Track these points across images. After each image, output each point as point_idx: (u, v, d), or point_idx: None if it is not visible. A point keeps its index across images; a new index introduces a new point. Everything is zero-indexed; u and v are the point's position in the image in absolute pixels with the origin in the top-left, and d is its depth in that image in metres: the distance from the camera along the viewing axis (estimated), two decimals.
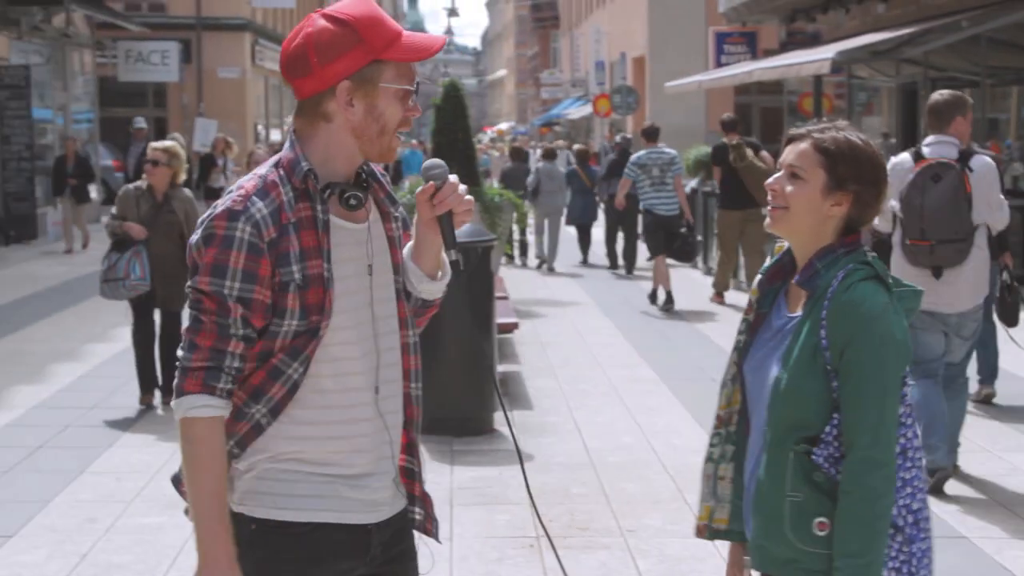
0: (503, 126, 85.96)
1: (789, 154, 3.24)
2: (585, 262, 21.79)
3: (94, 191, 28.12)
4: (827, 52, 19.93)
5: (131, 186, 10.09)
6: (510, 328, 10.82)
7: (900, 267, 7.63)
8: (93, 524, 7.08)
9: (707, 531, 3.44)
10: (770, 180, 3.25)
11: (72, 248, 22.20)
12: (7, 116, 23.85)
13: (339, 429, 3.06)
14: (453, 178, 3.09)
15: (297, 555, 3.04)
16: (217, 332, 2.93)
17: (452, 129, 13.04)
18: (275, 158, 3.10)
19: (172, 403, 2.99)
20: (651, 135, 16.63)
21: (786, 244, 3.32)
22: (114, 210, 9.96)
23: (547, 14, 79.75)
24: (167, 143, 10.14)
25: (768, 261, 3.37)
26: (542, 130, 67.26)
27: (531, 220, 16.25)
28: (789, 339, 3.17)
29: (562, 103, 64.07)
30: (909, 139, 22.22)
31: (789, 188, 3.20)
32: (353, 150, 3.05)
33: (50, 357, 12.07)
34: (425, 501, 3.30)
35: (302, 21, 3.09)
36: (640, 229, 16.31)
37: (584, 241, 22.20)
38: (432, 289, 3.21)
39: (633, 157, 16.66)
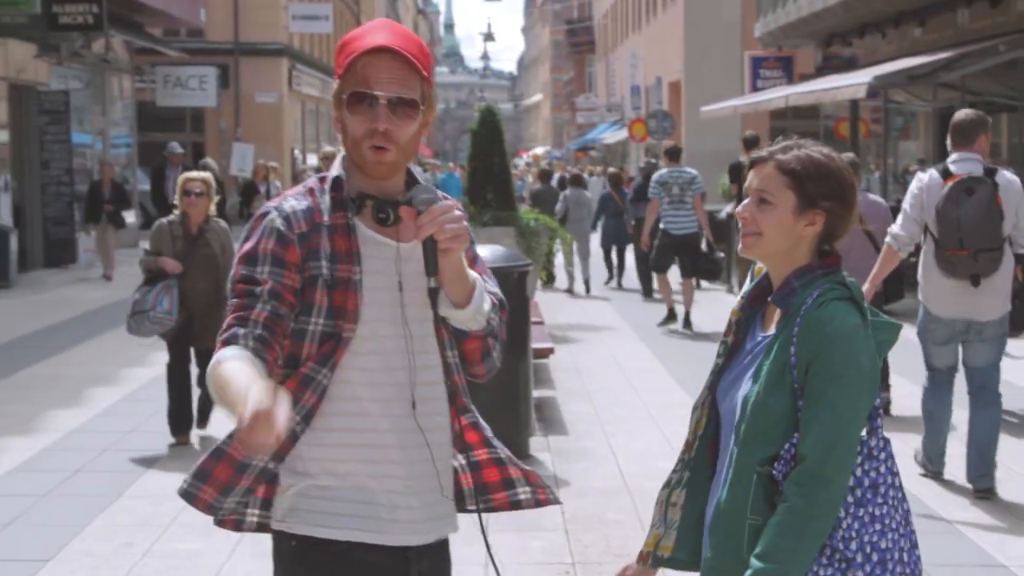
0: (539, 150, 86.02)
1: (755, 179, 3.18)
2: (620, 286, 21.87)
3: (132, 216, 28.31)
4: (864, 76, 19.88)
5: (165, 220, 9.73)
6: (546, 353, 10.82)
7: (934, 280, 8.06)
8: (130, 548, 7.10)
9: (650, 558, 3.37)
10: (739, 208, 3.21)
11: (111, 274, 21.96)
12: (47, 141, 24.01)
13: (372, 438, 3.08)
14: (443, 204, 3.04)
15: (335, 573, 3.07)
16: (244, 306, 3.02)
17: (488, 154, 13.05)
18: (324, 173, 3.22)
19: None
20: (674, 155, 16.95)
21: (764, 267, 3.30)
22: (147, 245, 9.69)
23: (583, 39, 79.87)
24: (204, 173, 9.84)
25: (747, 284, 3.33)
26: (578, 154, 67.32)
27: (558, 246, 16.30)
28: (761, 358, 3.12)
29: (597, 127, 64.10)
30: None
31: (760, 214, 3.15)
32: (356, 165, 3.16)
33: (88, 381, 12.13)
34: (528, 477, 3.30)
35: None
36: (655, 244, 16.67)
37: (619, 265, 22.37)
38: (457, 317, 3.12)
39: (655, 176, 16.88)
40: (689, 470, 3.32)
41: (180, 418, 9.58)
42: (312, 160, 41.65)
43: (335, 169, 3.14)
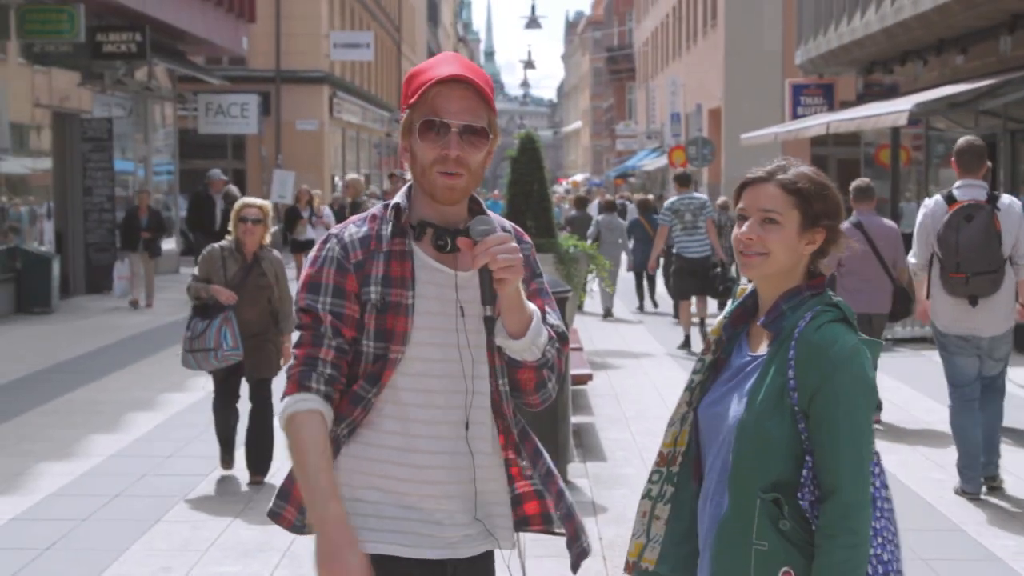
0: (578, 177, 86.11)
1: (756, 199, 3.19)
2: (655, 306, 22.28)
3: (172, 243, 28.48)
4: (905, 104, 19.80)
5: (216, 245, 9.26)
6: (584, 380, 10.79)
7: (940, 298, 8.70)
8: (168, 573, 7.11)
9: (635, 569, 3.40)
10: (742, 230, 3.20)
11: (139, 300, 21.73)
12: (89, 168, 24.18)
13: (416, 458, 3.19)
14: (498, 236, 3.11)
15: None
16: (312, 342, 3.18)
17: (528, 181, 13.07)
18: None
19: (277, 414, 3.21)
20: (684, 181, 17.38)
21: (749, 287, 3.31)
22: (196, 271, 9.24)
23: (623, 66, 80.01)
24: (260, 200, 9.34)
25: (730, 304, 3.35)
26: (617, 181, 67.32)
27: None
28: (753, 379, 3.14)
29: (637, 155, 64.13)
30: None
31: (766, 233, 3.16)
32: (424, 192, 3.25)
33: (128, 406, 12.18)
34: (569, 530, 3.47)
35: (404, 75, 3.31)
36: (671, 271, 17.39)
37: (650, 288, 23.12)
38: (511, 347, 3.21)
39: (666, 203, 17.42)
40: (673, 485, 3.35)
41: (226, 441, 9.33)
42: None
43: (398, 197, 3.27)
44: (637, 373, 14.74)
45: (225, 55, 35.46)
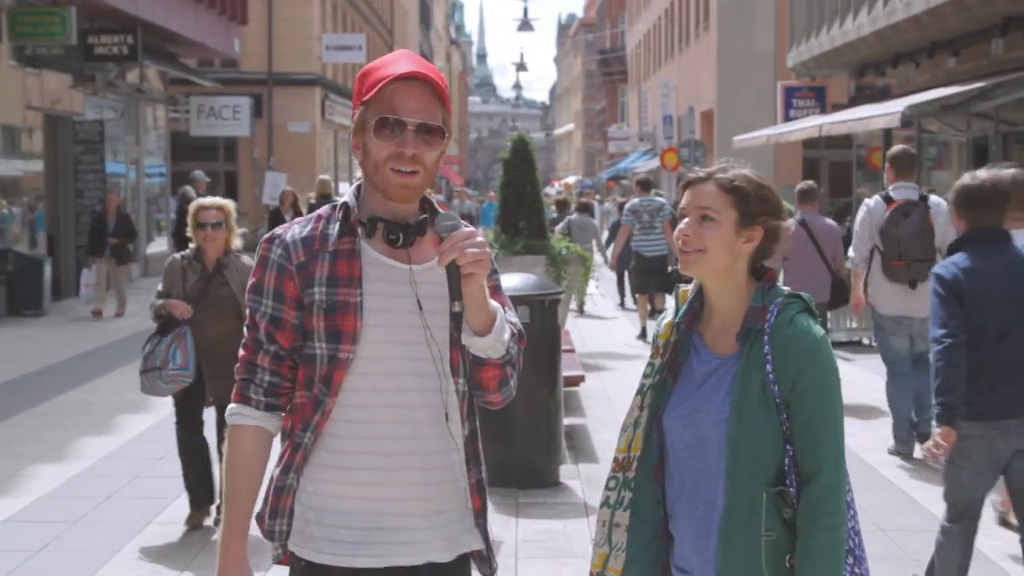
0: (570, 179, 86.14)
1: (695, 198, 3.25)
2: (636, 302, 22.83)
3: (164, 245, 28.44)
4: (897, 106, 19.83)
5: (178, 255, 8.17)
6: (576, 381, 10.80)
7: (882, 286, 10.10)
8: (159, 575, 7.10)
9: None
10: (680, 226, 3.26)
11: (102, 311, 20.48)
12: (81, 171, 24.16)
13: (383, 460, 3.13)
14: (464, 231, 3.07)
15: None
16: (252, 347, 3.20)
17: (520, 183, 13.07)
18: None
19: None
20: (645, 186, 19.02)
21: (692, 289, 3.36)
22: (160, 286, 8.15)
23: (615, 69, 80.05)
24: (221, 200, 8.14)
25: (673, 307, 3.39)
26: (609, 183, 67.34)
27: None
28: (730, 379, 3.18)
29: (629, 157, 64.14)
30: None
31: (703, 231, 3.22)
32: (376, 190, 3.22)
33: (119, 408, 12.17)
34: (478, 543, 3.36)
35: None
36: (631, 268, 18.87)
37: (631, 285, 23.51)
38: (477, 344, 3.14)
39: (627, 205, 18.96)
40: (629, 490, 3.37)
41: (196, 490, 8.11)
42: (345, 188, 41.76)
43: (346, 196, 3.24)
44: (629, 375, 14.74)
45: (217, 57, 35.43)
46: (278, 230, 3.24)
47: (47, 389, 13.34)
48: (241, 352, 3.23)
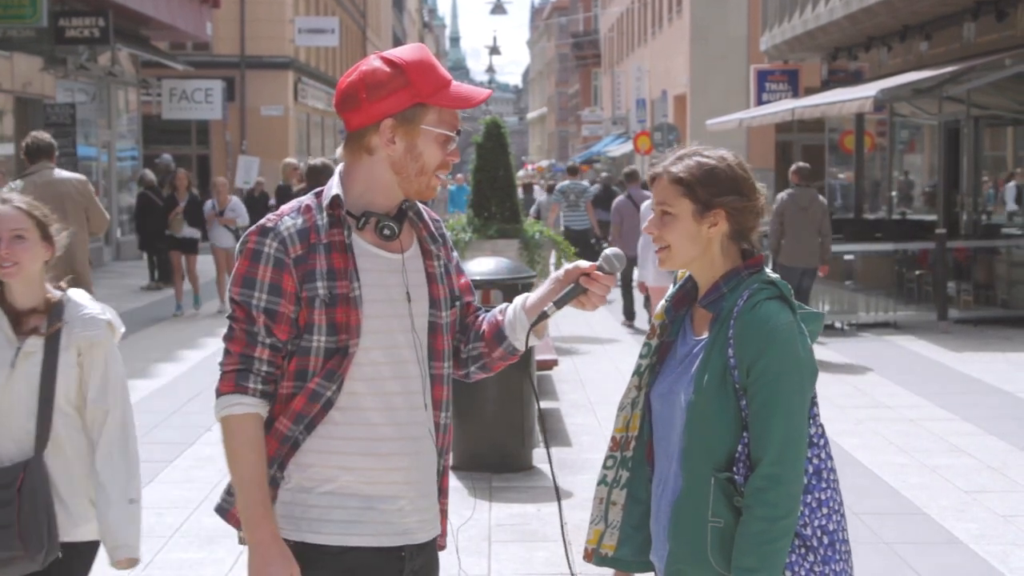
0: (543, 163, 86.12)
1: (655, 194, 3.29)
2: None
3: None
4: (869, 90, 19.87)
5: None
6: (549, 365, 10.81)
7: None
8: None
9: (594, 556, 3.44)
10: (647, 225, 3.29)
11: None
12: None
13: (376, 445, 3.19)
14: (612, 277, 3.26)
15: (331, 571, 3.18)
16: (246, 339, 3.15)
17: (494, 166, 13.09)
18: (319, 188, 3.28)
19: (213, 405, 3.19)
20: (573, 171, 22.93)
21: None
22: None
23: (588, 52, 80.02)
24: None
25: (671, 288, 3.41)
26: (583, 167, 67.35)
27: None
28: (698, 362, 3.20)
29: (603, 140, 64.16)
30: (951, 177, 22.11)
31: (664, 227, 3.25)
32: (392, 184, 3.21)
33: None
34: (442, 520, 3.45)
35: (361, 60, 3.27)
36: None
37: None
38: (528, 342, 3.34)
39: (557, 186, 22.51)
40: (627, 469, 3.40)
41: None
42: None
43: (334, 188, 3.21)
44: (602, 359, 14.77)
45: (189, 40, 35.26)
46: (268, 222, 3.19)
47: None
48: (231, 346, 3.16)
